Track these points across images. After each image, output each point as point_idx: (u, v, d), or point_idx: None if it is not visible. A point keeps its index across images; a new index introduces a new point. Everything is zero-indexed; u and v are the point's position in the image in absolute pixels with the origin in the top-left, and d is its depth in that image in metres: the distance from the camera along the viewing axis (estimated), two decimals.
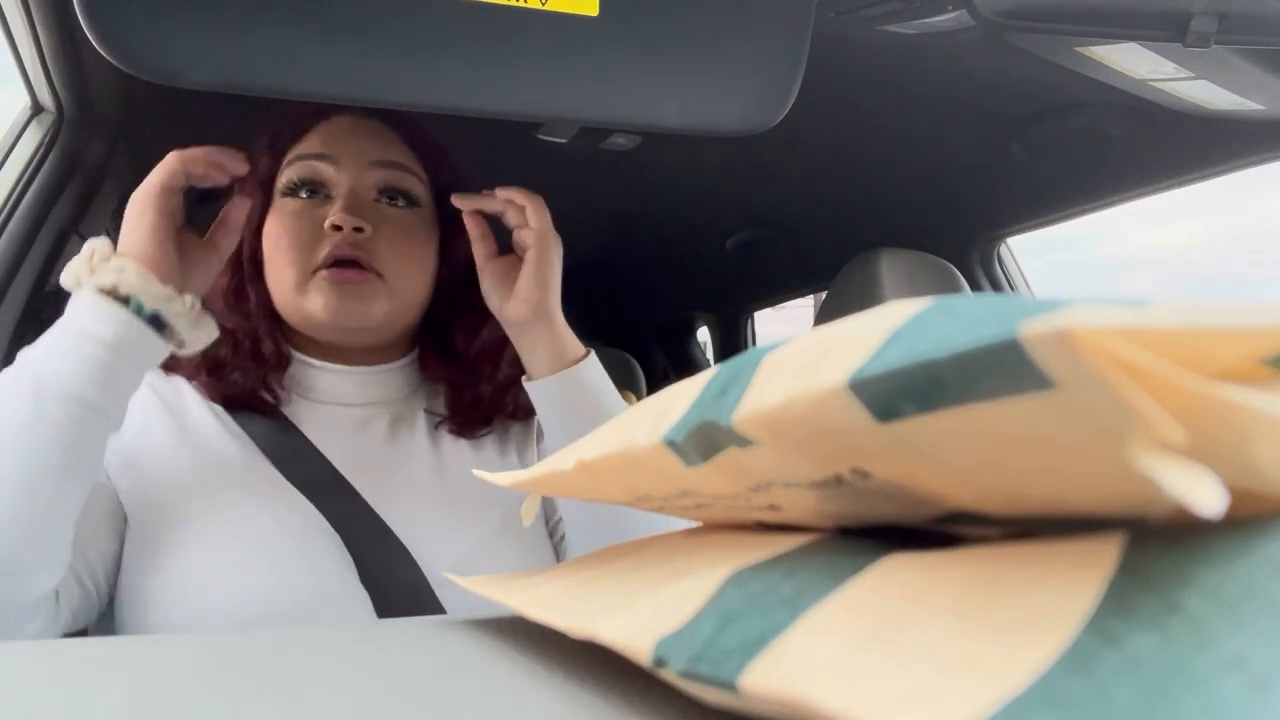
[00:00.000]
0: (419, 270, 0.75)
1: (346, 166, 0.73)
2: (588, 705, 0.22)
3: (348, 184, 0.72)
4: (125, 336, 0.59)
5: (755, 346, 0.23)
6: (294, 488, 0.67)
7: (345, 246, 0.69)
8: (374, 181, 0.73)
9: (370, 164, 0.73)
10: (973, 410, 0.15)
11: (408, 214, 0.74)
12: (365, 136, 0.74)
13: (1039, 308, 0.14)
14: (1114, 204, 1.29)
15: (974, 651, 0.14)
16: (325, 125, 0.75)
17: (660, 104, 0.64)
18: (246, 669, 0.25)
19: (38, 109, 1.13)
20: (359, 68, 0.58)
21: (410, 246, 0.73)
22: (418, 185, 0.75)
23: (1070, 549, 0.16)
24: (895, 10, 0.82)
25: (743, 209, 1.62)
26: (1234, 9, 0.74)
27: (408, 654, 0.27)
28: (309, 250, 0.70)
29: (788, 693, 0.16)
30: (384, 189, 0.73)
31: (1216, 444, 0.13)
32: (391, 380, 0.77)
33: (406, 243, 0.73)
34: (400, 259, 0.72)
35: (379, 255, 0.71)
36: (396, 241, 0.72)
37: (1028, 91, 1.03)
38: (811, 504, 0.22)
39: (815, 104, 0.78)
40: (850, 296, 1.26)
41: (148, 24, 0.53)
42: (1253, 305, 0.14)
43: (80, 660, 0.26)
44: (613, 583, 0.27)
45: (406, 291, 0.73)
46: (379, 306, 0.71)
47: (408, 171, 0.75)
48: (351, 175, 0.72)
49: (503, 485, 0.35)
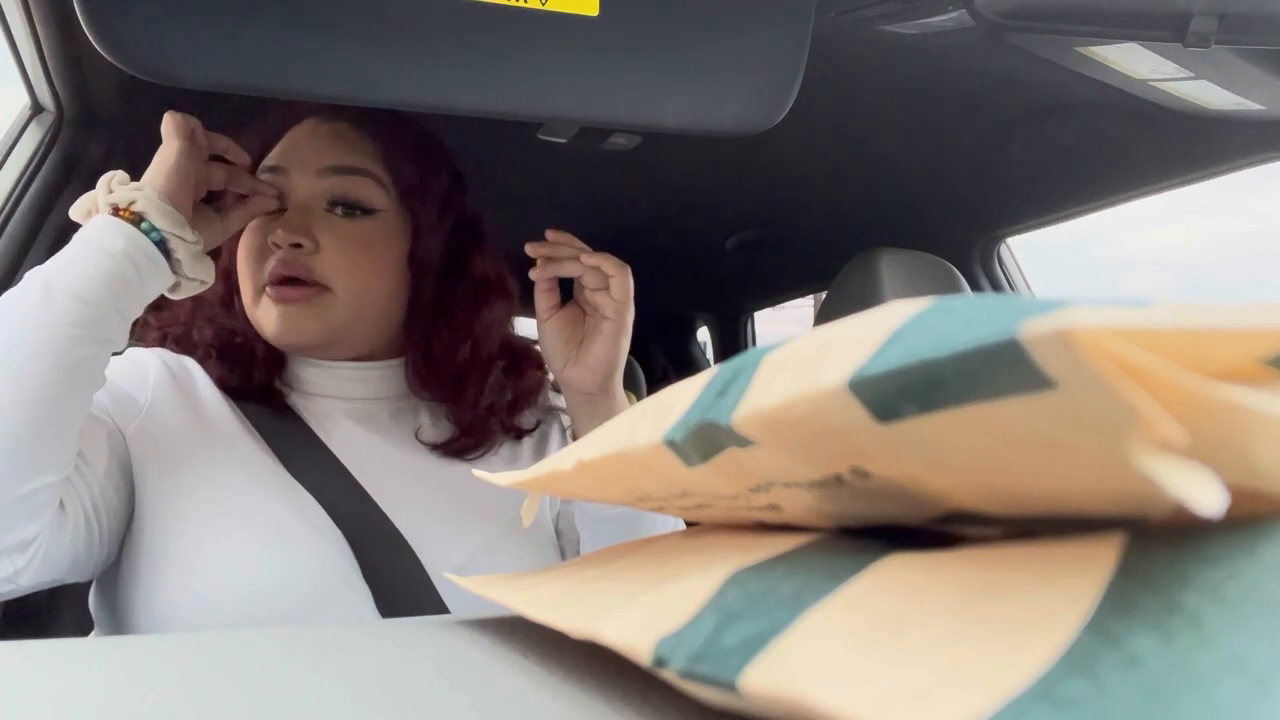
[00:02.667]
0: (373, 278, 0.72)
1: (297, 176, 0.72)
2: (588, 705, 0.22)
3: (298, 195, 0.71)
4: (130, 252, 0.61)
5: (755, 346, 0.23)
6: (298, 483, 0.67)
7: (283, 265, 0.69)
8: (322, 190, 0.71)
9: (319, 171, 0.71)
10: (973, 410, 0.15)
11: (359, 224, 0.71)
12: (321, 141, 0.73)
13: (1039, 308, 0.14)
14: (1114, 204, 1.29)
15: (974, 651, 0.14)
16: (291, 133, 0.74)
17: (660, 104, 0.64)
18: (246, 669, 0.25)
19: (38, 109, 1.13)
20: (359, 68, 0.58)
21: (361, 256, 0.71)
22: (374, 190, 0.72)
23: (1070, 549, 0.16)
24: (895, 10, 0.82)
25: (743, 209, 1.62)
26: (1234, 9, 0.73)
27: (408, 654, 0.27)
28: (258, 268, 0.70)
29: (788, 692, 0.16)
30: (333, 199, 0.71)
31: (1216, 444, 0.13)
32: (384, 379, 0.76)
33: (356, 252, 0.71)
34: (349, 269, 0.70)
35: (325, 268, 0.69)
36: (345, 252, 0.70)
37: (1028, 91, 1.03)
38: (811, 504, 0.22)
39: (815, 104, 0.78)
40: (850, 296, 1.25)
41: (148, 24, 0.53)
42: (1253, 305, 0.14)
43: (80, 660, 0.26)
44: (613, 583, 0.27)
45: (359, 301, 0.71)
46: (325, 320, 0.70)
47: (364, 175, 0.72)
48: (301, 185, 0.71)
49: (503, 485, 0.35)
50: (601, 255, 0.70)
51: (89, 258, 0.60)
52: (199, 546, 0.62)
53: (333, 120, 0.74)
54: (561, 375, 0.72)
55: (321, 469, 0.69)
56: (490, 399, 0.76)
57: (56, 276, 0.59)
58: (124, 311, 0.61)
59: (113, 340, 0.61)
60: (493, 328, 0.78)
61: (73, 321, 0.58)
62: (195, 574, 0.61)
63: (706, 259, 1.91)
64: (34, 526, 0.56)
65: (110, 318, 0.60)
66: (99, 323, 0.59)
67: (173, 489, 0.64)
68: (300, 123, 0.74)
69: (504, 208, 0.75)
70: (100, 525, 0.62)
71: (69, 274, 0.59)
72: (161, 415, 0.68)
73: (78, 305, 0.58)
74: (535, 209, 1.51)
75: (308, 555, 0.62)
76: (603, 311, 0.70)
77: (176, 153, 0.65)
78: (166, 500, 0.64)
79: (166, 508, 0.64)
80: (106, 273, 0.60)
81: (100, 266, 0.60)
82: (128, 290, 0.61)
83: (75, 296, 0.58)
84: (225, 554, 0.61)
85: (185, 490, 0.64)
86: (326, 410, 0.74)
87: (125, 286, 0.61)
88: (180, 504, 0.64)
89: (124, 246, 0.61)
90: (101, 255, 0.60)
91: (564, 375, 0.72)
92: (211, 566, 0.61)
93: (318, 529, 0.64)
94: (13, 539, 0.55)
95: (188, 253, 0.64)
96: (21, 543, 0.56)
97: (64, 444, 0.58)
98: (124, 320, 0.62)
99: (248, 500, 0.64)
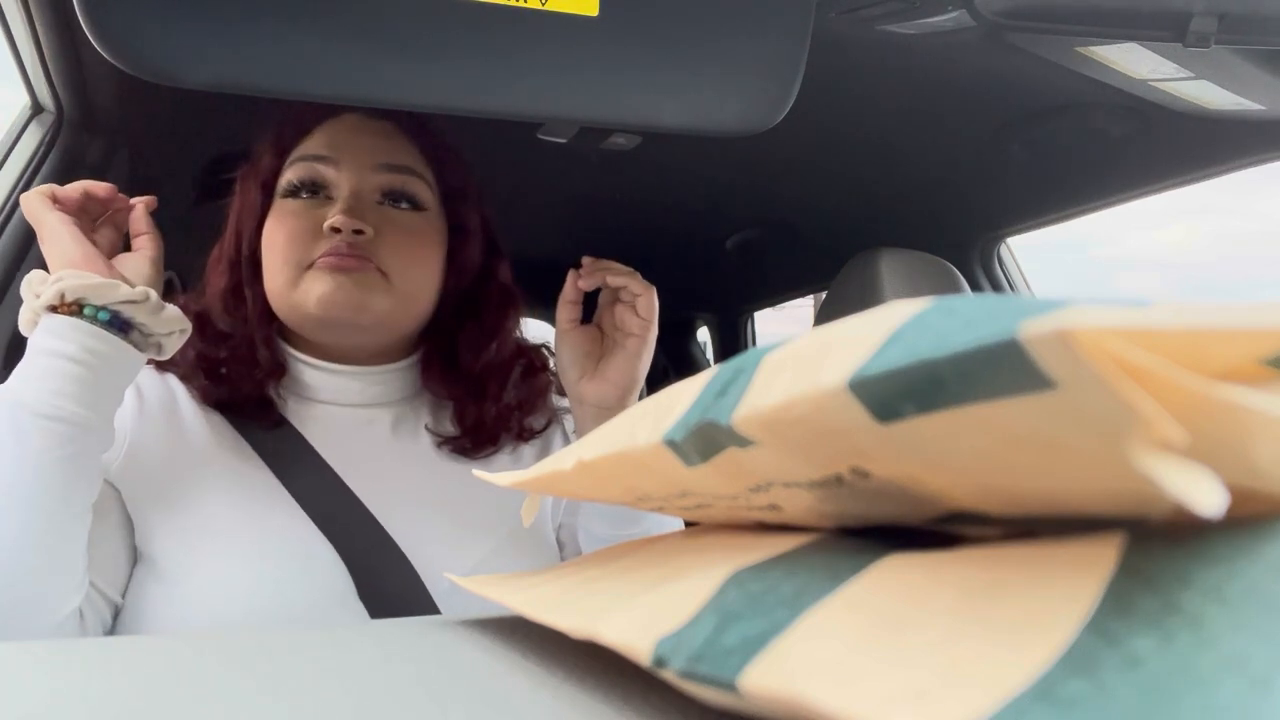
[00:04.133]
0: (425, 273, 0.73)
1: (349, 168, 0.71)
2: (588, 705, 0.22)
3: (349, 186, 0.70)
4: (90, 346, 0.58)
5: (755, 346, 0.23)
6: (292, 498, 0.66)
7: (344, 246, 0.68)
8: (377, 184, 0.72)
9: (374, 167, 0.72)
10: (973, 410, 0.15)
11: (413, 216, 0.72)
12: (371, 138, 0.73)
13: (1039, 308, 0.14)
14: (1114, 204, 1.29)
15: (974, 651, 0.14)
16: (330, 125, 0.73)
17: (660, 104, 0.64)
18: (246, 669, 0.25)
19: (38, 109, 1.13)
20: (358, 68, 0.58)
21: (415, 248, 0.71)
22: (424, 189, 0.73)
23: (1070, 549, 0.16)
24: (895, 10, 0.82)
25: (743, 209, 1.62)
26: (1234, 9, 0.73)
27: (407, 654, 0.27)
28: (305, 249, 0.68)
29: (788, 692, 0.16)
30: (387, 192, 0.72)
31: (1216, 444, 0.13)
32: (392, 381, 0.75)
33: (411, 245, 0.71)
34: (406, 260, 0.70)
35: (382, 256, 0.69)
36: (401, 243, 0.70)
37: (1028, 91, 1.03)
38: (811, 504, 0.22)
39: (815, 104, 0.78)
40: (850, 296, 1.25)
41: (148, 24, 0.53)
42: (1253, 305, 0.14)
43: (81, 660, 0.26)
44: (613, 583, 0.27)
45: (410, 293, 0.71)
46: (379, 301, 0.69)
47: (414, 175, 0.73)
48: (354, 177, 0.71)
49: (502, 485, 0.35)
50: (630, 273, 0.70)
51: (50, 370, 0.57)
52: (188, 573, 0.61)
53: (378, 119, 0.74)
54: (576, 388, 0.72)
55: (317, 483, 0.67)
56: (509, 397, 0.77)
57: (24, 404, 0.56)
58: (104, 412, 0.59)
59: (101, 441, 0.59)
60: (512, 331, 0.80)
61: (54, 444, 0.55)
62: (185, 600, 0.60)
63: (706, 259, 1.91)
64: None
65: (88, 423, 0.57)
66: (81, 435, 0.57)
67: (162, 516, 0.64)
68: (336, 117, 0.74)
69: (504, 208, 0.75)
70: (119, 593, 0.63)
71: (36, 396, 0.56)
72: (144, 443, 0.67)
73: (52, 427, 0.55)
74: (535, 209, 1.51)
75: (301, 576, 0.62)
76: (628, 328, 0.70)
77: (57, 223, 0.62)
78: (155, 527, 0.63)
79: (155, 534, 0.63)
80: (73, 380, 0.57)
81: (64, 374, 0.57)
82: (101, 390, 0.58)
83: (48, 419, 0.56)
84: (215, 578, 0.61)
85: (173, 515, 0.63)
86: (325, 418, 0.73)
87: (97, 388, 0.58)
88: (168, 529, 0.63)
89: (81, 346, 0.57)
90: (62, 362, 0.57)
91: (579, 388, 0.71)
92: (202, 592, 0.60)
93: (310, 548, 0.63)
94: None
95: (144, 313, 0.61)
96: None
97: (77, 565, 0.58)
98: (105, 419, 0.59)
99: (238, 520, 0.63)
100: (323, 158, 0.72)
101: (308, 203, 0.71)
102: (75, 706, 0.22)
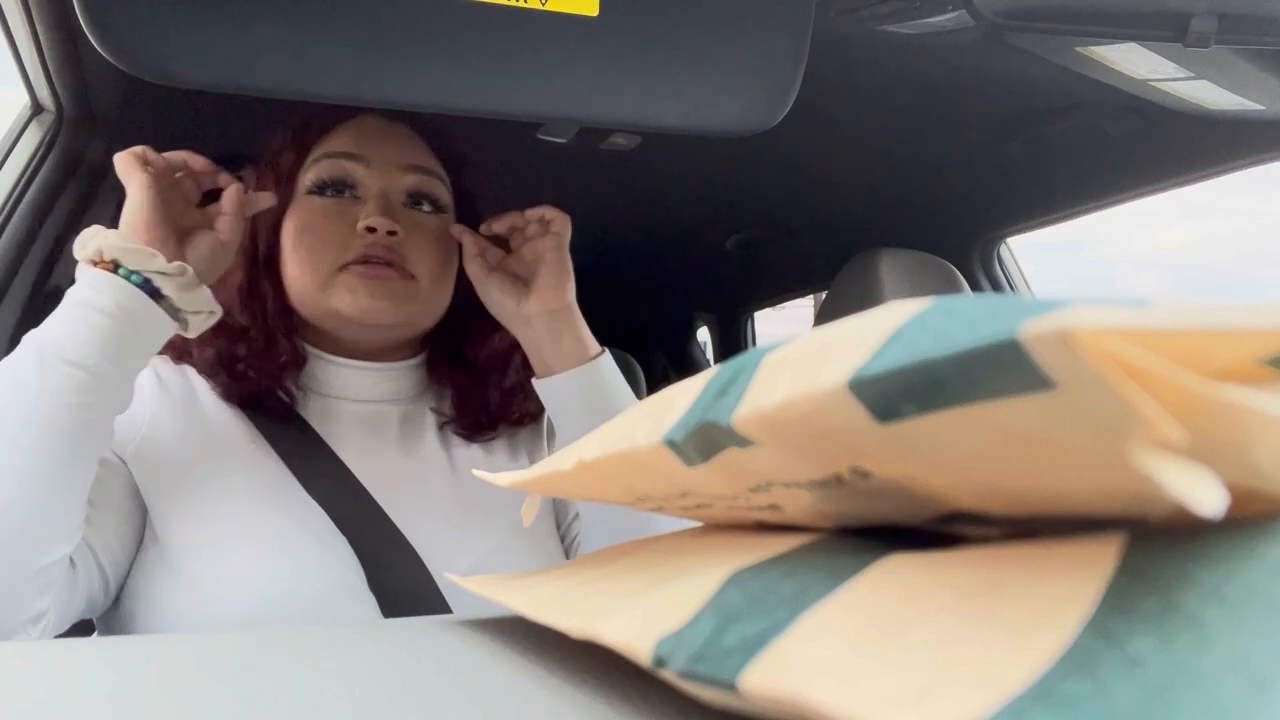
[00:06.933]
0: (447, 274, 0.75)
1: (378, 168, 0.72)
2: (588, 705, 0.22)
3: (378, 186, 0.72)
4: (121, 303, 0.59)
5: (755, 346, 0.23)
6: (306, 491, 0.66)
7: (379, 248, 0.69)
8: (404, 186, 0.73)
9: (402, 168, 0.73)
10: (973, 410, 0.15)
11: (434, 218, 0.74)
12: (395, 139, 0.74)
13: (1039, 308, 0.13)
14: (1114, 204, 1.29)
15: (974, 651, 0.14)
16: (354, 124, 0.74)
17: (660, 104, 0.64)
18: (246, 669, 0.25)
19: (38, 109, 1.13)
20: (358, 68, 0.58)
21: (440, 250, 0.73)
22: (444, 191, 0.75)
23: (1070, 549, 0.16)
24: (895, 10, 0.82)
25: (743, 209, 1.62)
26: (1234, 9, 0.73)
27: (408, 654, 0.27)
28: (338, 249, 0.70)
29: (788, 693, 0.16)
30: (412, 194, 0.73)
31: (1216, 444, 0.13)
32: (403, 378, 0.77)
33: (436, 248, 0.73)
34: (431, 262, 0.72)
35: (411, 260, 0.71)
36: (426, 246, 0.72)
37: (1028, 91, 1.03)
38: (811, 504, 0.22)
39: (816, 104, 0.78)
40: (850, 296, 1.25)
41: (148, 24, 0.53)
42: (1253, 305, 0.14)
43: (81, 660, 0.26)
44: (613, 583, 0.27)
45: (435, 295, 0.74)
46: (407, 306, 0.71)
47: (435, 177, 0.75)
48: (383, 178, 0.72)
49: (503, 485, 0.35)
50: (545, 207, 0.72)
51: (81, 319, 0.58)
52: (202, 562, 0.61)
53: (396, 122, 0.75)
54: (519, 311, 0.71)
55: (330, 476, 0.68)
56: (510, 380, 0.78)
57: (52, 344, 0.57)
58: (126, 369, 0.59)
59: (118, 400, 0.59)
60: None
61: (72, 388, 0.56)
62: (198, 590, 0.60)
63: (706, 259, 1.91)
64: (48, 598, 0.56)
65: (111, 378, 0.58)
66: (99, 386, 0.57)
67: (175, 504, 0.64)
68: (359, 116, 0.75)
69: (504, 208, 0.75)
70: (113, 567, 0.62)
71: (64, 341, 0.57)
72: (161, 431, 0.67)
73: (75, 372, 0.56)
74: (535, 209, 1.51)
75: (314, 568, 0.62)
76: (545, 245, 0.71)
77: (137, 185, 0.63)
78: (169, 515, 0.63)
79: (170, 523, 0.63)
80: (102, 332, 0.57)
81: (94, 326, 0.57)
82: (126, 346, 0.59)
83: (72, 364, 0.56)
84: (229, 569, 0.61)
85: (188, 505, 0.64)
86: (337, 414, 0.73)
87: (122, 343, 0.58)
88: (183, 518, 0.63)
89: (114, 302, 0.58)
90: (93, 313, 0.58)
91: (522, 309, 0.71)
92: (215, 582, 0.60)
93: (324, 540, 0.64)
94: (28, 614, 0.55)
95: (175, 287, 0.61)
96: (36, 614, 0.56)
97: (74, 513, 0.57)
98: (125, 376, 0.59)
99: (252, 512, 0.64)
100: (352, 155, 0.72)
101: (336, 201, 0.72)
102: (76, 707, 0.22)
